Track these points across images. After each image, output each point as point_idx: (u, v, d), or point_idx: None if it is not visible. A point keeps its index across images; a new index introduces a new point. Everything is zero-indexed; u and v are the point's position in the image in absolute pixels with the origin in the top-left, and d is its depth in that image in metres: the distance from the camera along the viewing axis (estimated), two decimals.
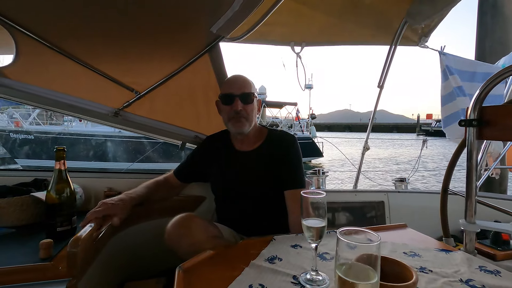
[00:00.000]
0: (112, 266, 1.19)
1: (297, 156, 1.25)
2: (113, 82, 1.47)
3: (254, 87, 1.28)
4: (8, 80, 1.33)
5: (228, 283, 0.70)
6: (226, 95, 1.24)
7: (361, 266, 0.48)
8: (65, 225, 1.04)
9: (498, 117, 0.93)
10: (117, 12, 1.21)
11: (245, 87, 1.23)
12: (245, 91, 1.22)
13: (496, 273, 0.76)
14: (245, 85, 1.24)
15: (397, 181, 2.37)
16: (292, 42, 2.06)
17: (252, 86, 1.27)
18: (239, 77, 1.27)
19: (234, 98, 1.21)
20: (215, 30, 1.34)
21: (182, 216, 1.01)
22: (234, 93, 1.21)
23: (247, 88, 1.23)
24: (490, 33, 4.12)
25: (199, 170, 1.39)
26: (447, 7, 1.70)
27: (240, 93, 1.21)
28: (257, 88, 1.52)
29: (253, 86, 1.27)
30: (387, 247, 0.92)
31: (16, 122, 11.04)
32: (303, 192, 0.73)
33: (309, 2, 1.74)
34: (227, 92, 1.23)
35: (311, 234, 0.71)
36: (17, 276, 0.81)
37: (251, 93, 1.24)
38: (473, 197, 0.99)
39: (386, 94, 38.51)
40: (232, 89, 1.23)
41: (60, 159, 1.06)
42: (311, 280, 0.70)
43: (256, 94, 1.28)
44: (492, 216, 1.42)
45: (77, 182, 1.39)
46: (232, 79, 1.28)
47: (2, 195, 1.14)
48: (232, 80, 1.27)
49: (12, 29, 1.21)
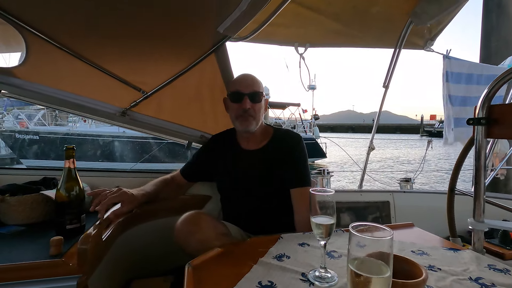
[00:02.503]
0: (120, 264, 1.20)
1: (303, 155, 1.25)
2: (121, 82, 1.48)
3: (262, 86, 1.29)
4: (18, 80, 1.34)
5: (237, 280, 0.70)
6: (235, 92, 1.24)
7: (374, 261, 0.48)
8: (75, 223, 1.05)
9: (507, 116, 0.93)
10: (125, 13, 1.23)
11: (254, 86, 1.24)
12: (254, 90, 1.23)
13: (506, 272, 0.76)
14: (254, 84, 1.25)
15: (402, 181, 2.36)
16: (296, 43, 2.07)
17: (261, 85, 1.28)
18: (249, 76, 1.28)
19: (243, 97, 1.22)
20: (222, 30, 1.35)
21: (191, 214, 1.01)
22: (243, 92, 1.22)
23: (256, 87, 1.25)
24: (495, 32, 4.09)
25: (205, 169, 1.40)
26: (453, 7, 1.70)
27: (249, 91, 1.22)
28: None
29: (262, 85, 1.29)
30: (395, 245, 0.91)
31: (21, 123, 11.15)
32: (312, 189, 0.73)
33: (315, 7, 1.75)
34: (236, 90, 1.24)
35: (320, 231, 0.71)
36: (29, 272, 0.82)
37: (260, 92, 1.25)
38: (481, 196, 0.99)
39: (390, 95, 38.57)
40: (241, 87, 1.23)
41: (69, 158, 1.07)
42: (320, 277, 0.71)
43: (264, 93, 1.30)
44: (499, 216, 1.41)
45: (85, 180, 1.40)
46: (242, 77, 1.29)
47: (12, 193, 1.16)
48: (242, 78, 1.28)
49: (22, 29, 1.23)
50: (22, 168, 5.02)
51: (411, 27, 1.94)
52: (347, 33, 2.00)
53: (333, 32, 1.99)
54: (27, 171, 1.52)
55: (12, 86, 1.35)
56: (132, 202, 1.15)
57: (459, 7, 1.78)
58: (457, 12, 1.89)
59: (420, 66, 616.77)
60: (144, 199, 1.22)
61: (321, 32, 2.01)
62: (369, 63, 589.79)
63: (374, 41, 2.13)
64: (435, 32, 2.04)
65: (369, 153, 2.36)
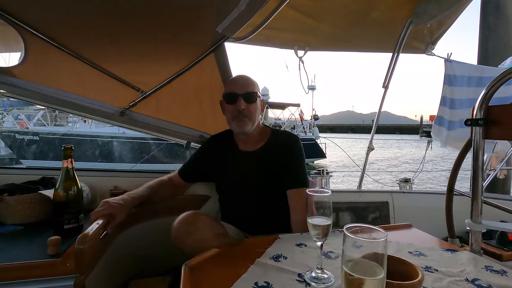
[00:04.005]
0: (118, 264, 1.20)
1: (300, 156, 1.25)
2: (119, 82, 1.48)
3: (257, 87, 1.28)
4: (17, 79, 1.35)
5: (233, 280, 0.70)
6: (229, 94, 1.24)
7: (368, 262, 0.48)
8: (73, 223, 1.05)
9: (505, 116, 0.93)
10: (124, 13, 1.23)
11: (249, 87, 1.24)
12: (248, 91, 1.23)
13: (503, 273, 0.76)
14: (249, 85, 1.24)
15: (401, 181, 2.36)
16: (295, 46, 2.08)
17: (256, 85, 1.27)
18: (243, 77, 1.27)
19: (237, 97, 1.21)
20: (220, 30, 1.36)
21: (188, 214, 1.01)
22: (237, 92, 1.22)
23: (251, 88, 1.24)
24: (493, 34, 4.10)
25: (203, 169, 1.39)
26: (453, 7, 1.70)
27: (243, 92, 1.22)
28: (260, 89, 1.53)
29: (257, 86, 1.28)
30: (392, 246, 0.92)
31: (21, 123, 11.14)
32: (309, 190, 0.73)
33: (313, 14, 1.76)
34: (231, 91, 1.24)
35: (317, 232, 0.71)
36: (26, 272, 0.82)
37: (254, 92, 1.24)
38: (479, 197, 0.98)
39: (389, 96, 38.40)
40: (235, 88, 1.23)
41: (67, 158, 1.07)
42: (316, 278, 0.71)
43: (260, 94, 1.29)
44: (497, 217, 1.41)
45: (83, 180, 1.40)
46: (236, 78, 1.28)
47: (11, 193, 1.16)
48: (236, 79, 1.28)
49: (20, 29, 1.23)
50: (21, 167, 4.99)
51: (410, 28, 1.94)
52: (346, 39, 2.01)
53: (333, 38, 2.00)
54: (25, 171, 1.52)
55: (10, 86, 1.35)
56: (121, 212, 1.07)
57: (460, 9, 1.78)
58: (458, 16, 1.89)
59: (420, 67, 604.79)
60: (135, 202, 1.16)
61: (320, 38, 2.02)
62: (369, 64, 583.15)
63: (374, 46, 2.14)
64: (436, 36, 2.05)
65: (369, 153, 2.36)
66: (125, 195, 1.16)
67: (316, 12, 1.74)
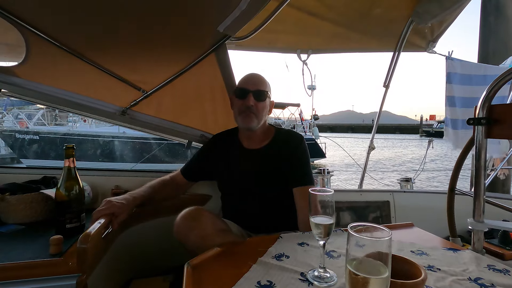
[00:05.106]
0: (120, 263, 1.20)
1: (305, 154, 1.26)
2: (121, 81, 1.48)
3: (269, 87, 1.30)
4: (19, 79, 1.35)
5: (236, 279, 0.70)
6: (240, 89, 1.27)
7: (372, 261, 0.48)
8: (74, 222, 1.05)
9: (507, 116, 0.93)
10: (125, 12, 1.23)
11: (261, 85, 1.26)
12: (259, 88, 1.25)
13: (505, 272, 0.76)
14: (261, 83, 1.27)
15: (402, 180, 2.36)
16: (298, 49, 2.08)
17: (268, 85, 1.29)
18: (256, 75, 1.30)
19: (248, 93, 1.23)
20: (222, 29, 1.35)
21: (191, 209, 1.01)
22: (248, 89, 1.24)
23: (262, 86, 1.26)
24: (493, 34, 4.10)
25: (206, 168, 1.40)
26: (454, 6, 1.70)
27: (254, 89, 1.24)
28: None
29: (269, 85, 1.30)
30: (394, 245, 0.91)
31: (21, 122, 11.14)
32: (311, 189, 0.73)
33: (315, 12, 1.76)
34: (242, 87, 1.26)
35: (319, 231, 0.71)
36: (28, 271, 0.82)
37: (265, 91, 1.27)
38: (481, 196, 0.98)
39: (389, 95, 38.36)
40: (247, 85, 1.26)
41: (69, 157, 1.07)
42: (319, 277, 0.71)
43: (270, 94, 1.30)
44: (498, 216, 1.40)
45: (85, 180, 1.41)
46: (249, 75, 1.30)
47: (12, 192, 1.16)
48: (249, 76, 1.30)
49: (22, 28, 1.23)
50: (22, 167, 5.00)
51: (411, 26, 1.94)
52: (349, 37, 2.00)
53: (335, 37, 1.99)
54: (27, 170, 1.52)
55: (12, 85, 1.35)
56: (123, 211, 1.07)
57: (461, 7, 1.78)
58: (459, 13, 1.89)
59: (420, 66, 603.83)
60: (137, 202, 1.16)
61: (323, 37, 2.02)
62: (369, 64, 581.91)
63: (375, 44, 2.13)
64: (437, 34, 2.04)
65: (369, 153, 2.35)
66: (127, 194, 1.17)
67: (318, 9, 1.74)
